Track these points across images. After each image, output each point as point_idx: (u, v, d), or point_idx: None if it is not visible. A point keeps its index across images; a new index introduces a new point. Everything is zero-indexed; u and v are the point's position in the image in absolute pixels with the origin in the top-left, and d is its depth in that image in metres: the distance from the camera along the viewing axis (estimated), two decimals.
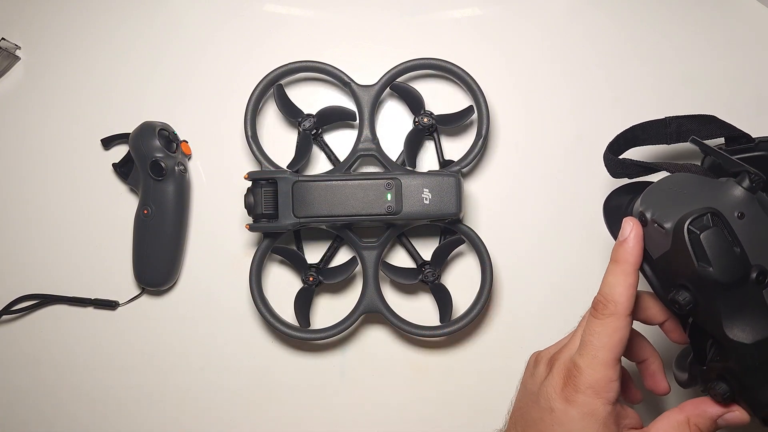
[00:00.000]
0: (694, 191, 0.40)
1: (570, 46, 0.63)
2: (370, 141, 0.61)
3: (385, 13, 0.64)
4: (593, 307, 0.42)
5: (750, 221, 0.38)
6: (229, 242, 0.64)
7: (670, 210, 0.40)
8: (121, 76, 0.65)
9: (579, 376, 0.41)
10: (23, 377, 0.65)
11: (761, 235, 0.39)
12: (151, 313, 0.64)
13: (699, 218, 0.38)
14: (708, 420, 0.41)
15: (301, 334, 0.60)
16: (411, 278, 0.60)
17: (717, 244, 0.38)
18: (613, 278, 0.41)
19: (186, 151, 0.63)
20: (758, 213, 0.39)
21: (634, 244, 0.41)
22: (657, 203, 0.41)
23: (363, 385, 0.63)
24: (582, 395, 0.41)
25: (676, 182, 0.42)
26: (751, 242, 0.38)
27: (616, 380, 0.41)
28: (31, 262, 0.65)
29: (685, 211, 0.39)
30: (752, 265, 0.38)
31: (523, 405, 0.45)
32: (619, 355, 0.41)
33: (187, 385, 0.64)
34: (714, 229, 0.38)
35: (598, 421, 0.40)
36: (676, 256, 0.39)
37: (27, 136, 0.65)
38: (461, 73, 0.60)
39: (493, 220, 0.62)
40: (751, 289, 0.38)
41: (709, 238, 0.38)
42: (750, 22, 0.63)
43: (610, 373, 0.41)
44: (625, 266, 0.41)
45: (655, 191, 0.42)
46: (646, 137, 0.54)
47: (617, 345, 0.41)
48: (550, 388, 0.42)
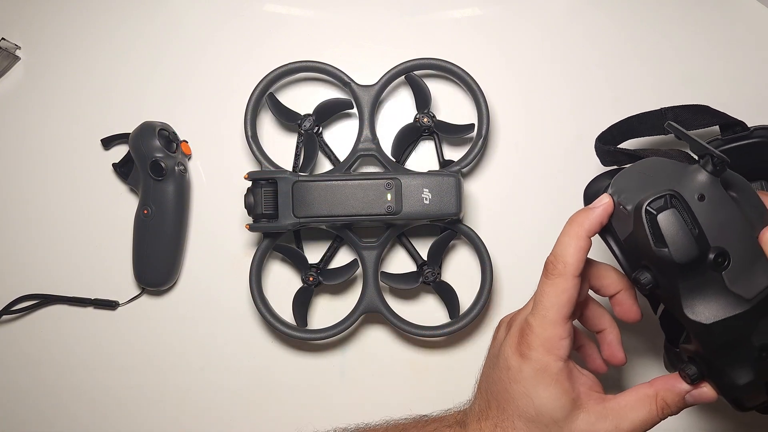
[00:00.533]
0: (661, 175, 0.41)
1: (570, 46, 0.63)
2: (370, 141, 0.61)
3: (385, 13, 0.64)
4: (544, 267, 0.43)
5: (711, 204, 0.39)
6: (229, 242, 0.64)
7: (634, 193, 0.41)
8: (121, 76, 0.65)
9: (531, 334, 0.42)
10: (23, 377, 0.65)
11: (723, 218, 0.39)
12: (151, 313, 0.64)
13: (657, 200, 0.39)
14: (676, 395, 0.42)
15: (301, 334, 0.60)
16: (412, 282, 0.60)
17: (673, 225, 0.38)
18: (566, 239, 0.42)
19: (186, 151, 0.63)
20: (721, 196, 0.39)
21: (598, 213, 0.42)
22: (625, 186, 0.42)
23: (363, 385, 0.63)
24: (534, 352, 0.42)
25: (646, 166, 0.42)
26: (712, 224, 0.39)
27: (566, 338, 0.42)
28: (31, 262, 0.65)
29: (647, 191, 0.40)
30: (711, 247, 0.39)
31: (487, 368, 0.47)
32: (567, 314, 0.42)
33: (187, 385, 0.64)
34: (671, 211, 0.38)
35: (551, 377, 0.42)
36: (637, 237, 0.40)
37: (27, 136, 0.65)
38: (461, 73, 0.60)
39: (493, 220, 0.62)
40: (709, 271, 0.39)
41: (665, 220, 0.39)
42: (750, 22, 0.63)
43: (560, 330, 0.42)
44: (578, 229, 0.42)
45: (624, 175, 0.42)
46: (643, 128, 0.55)
47: (565, 305, 0.42)
48: (507, 347, 0.44)
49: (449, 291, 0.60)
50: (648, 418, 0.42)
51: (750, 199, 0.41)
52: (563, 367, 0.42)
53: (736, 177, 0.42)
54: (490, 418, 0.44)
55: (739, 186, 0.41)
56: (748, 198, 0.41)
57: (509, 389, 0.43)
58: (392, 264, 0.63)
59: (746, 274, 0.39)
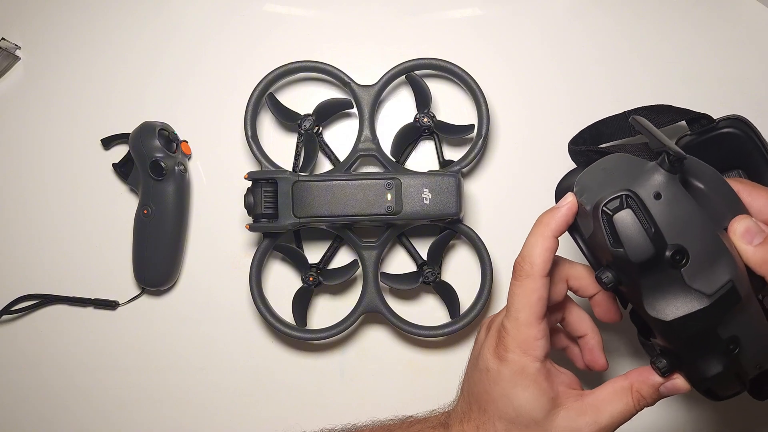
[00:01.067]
0: (620, 172, 0.40)
1: (570, 45, 0.63)
2: (370, 141, 0.61)
3: (386, 13, 0.64)
4: (513, 269, 0.43)
5: (667, 201, 0.39)
6: (229, 242, 0.64)
7: (594, 192, 0.41)
8: (121, 76, 0.65)
9: (507, 337, 0.43)
10: (23, 377, 0.65)
11: (680, 215, 0.39)
12: (151, 313, 0.64)
13: (613, 200, 0.39)
14: (650, 387, 0.43)
15: (301, 334, 0.60)
16: (412, 283, 0.60)
17: (628, 225, 0.39)
18: (533, 240, 0.42)
19: (186, 151, 0.63)
20: (678, 193, 0.39)
21: (563, 213, 0.42)
22: (587, 185, 0.42)
23: (363, 385, 0.63)
24: (511, 354, 0.43)
25: (608, 163, 0.42)
26: (669, 222, 0.39)
27: (540, 338, 0.42)
28: (31, 262, 0.65)
29: (604, 192, 0.40)
30: (668, 245, 0.38)
31: (469, 370, 0.47)
32: (539, 314, 0.42)
33: (187, 385, 0.64)
34: (626, 211, 0.39)
35: (529, 378, 0.42)
36: (597, 236, 0.40)
37: (27, 136, 0.65)
38: (461, 73, 0.60)
39: (493, 220, 0.62)
40: (668, 268, 0.39)
41: (620, 220, 0.39)
42: (750, 22, 0.63)
43: (534, 331, 0.42)
44: (545, 230, 0.42)
45: (587, 173, 0.42)
46: (612, 132, 0.55)
47: (535, 305, 0.42)
48: (486, 349, 0.44)
49: (449, 291, 0.60)
50: (625, 411, 0.43)
51: (719, 188, 0.41)
52: (540, 367, 0.42)
53: (704, 167, 0.42)
54: (471, 420, 0.45)
55: (708, 177, 0.41)
56: (717, 188, 0.41)
57: (489, 391, 0.44)
58: (392, 264, 0.63)
59: (706, 270, 0.39)
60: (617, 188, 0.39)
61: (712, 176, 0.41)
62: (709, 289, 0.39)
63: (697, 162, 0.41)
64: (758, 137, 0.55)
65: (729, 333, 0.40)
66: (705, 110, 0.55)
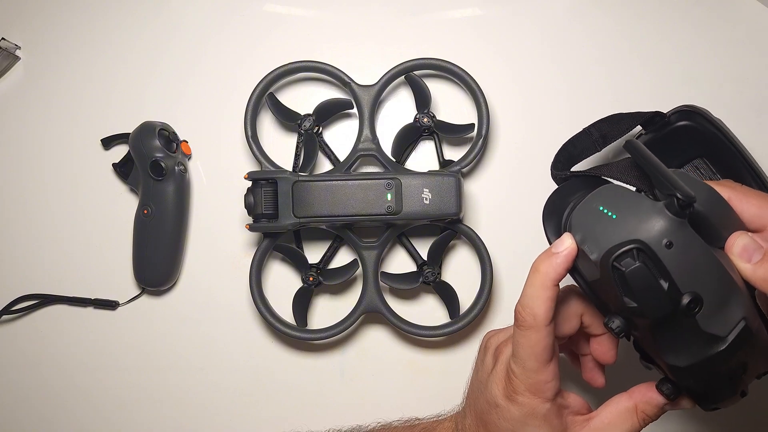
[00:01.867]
0: (624, 215, 0.38)
1: (570, 45, 0.63)
2: (370, 141, 0.61)
3: (386, 13, 0.64)
4: (515, 317, 0.42)
5: (680, 249, 0.36)
6: (229, 242, 0.64)
7: (597, 238, 0.38)
8: (121, 76, 0.65)
9: (515, 380, 0.42)
10: (23, 377, 0.65)
11: (693, 260, 0.37)
12: (151, 313, 0.64)
13: (623, 254, 0.36)
14: (655, 407, 0.43)
15: (301, 334, 0.60)
16: (412, 283, 0.60)
17: (643, 281, 0.36)
18: (532, 290, 0.41)
19: (186, 151, 0.63)
20: (689, 238, 0.37)
21: (561, 261, 0.40)
22: (585, 227, 0.39)
23: (363, 385, 0.63)
24: (521, 396, 0.42)
25: (604, 200, 0.39)
26: (682, 271, 0.36)
27: (551, 380, 0.42)
28: (31, 262, 0.65)
29: (611, 241, 0.37)
30: (683, 294, 0.36)
31: (475, 390, 0.47)
32: (546, 360, 0.41)
33: (187, 385, 0.64)
34: (639, 266, 0.36)
35: (539, 418, 0.42)
36: (604, 286, 0.39)
37: (27, 136, 0.65)
38: (461, 73, 0.60)
39: (493, 220, 0.62)
40: (682, 317, 0.37)
41: (634, 276, 0.36)
42: (750, 22, 0.63)
43: (543, 376, 0.42)
44: (545, 280, 0.41)
45: (584, 212, 0.40)
46: (580, 151, 0.54)
47: (542, 354, 0.41)
48: (494, 385, 0.44)
49: (449, 291, 0.60)
50: (631, 431, 0.43)
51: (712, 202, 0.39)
52: (551, 407, 0.42)
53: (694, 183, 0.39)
54: None
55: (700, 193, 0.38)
56: (710, 203, 0.39)
57: (498, 424, 0.43)
58: (392, 264, 0.63)
59: (720, 312, 0.37)
60: (624, 236, 0.37)
61: (704, 191, 0.39)
62: (723, 331, 0.37)
63: (689, 179, 0.39)
64: (713, 124, 0.56)
65: (739, 362, 0.39)
66: None
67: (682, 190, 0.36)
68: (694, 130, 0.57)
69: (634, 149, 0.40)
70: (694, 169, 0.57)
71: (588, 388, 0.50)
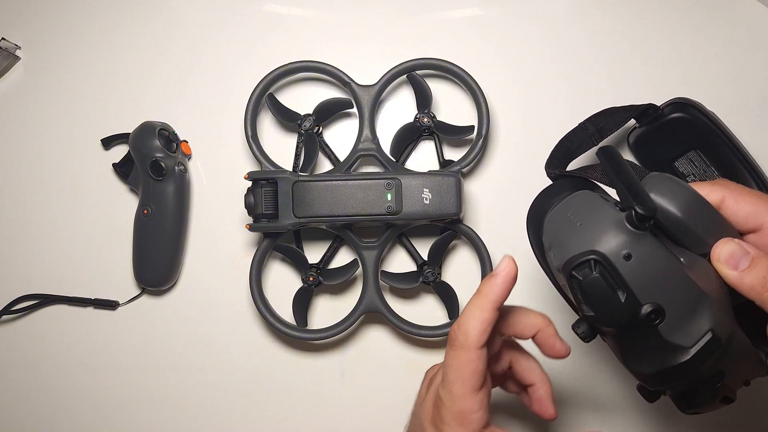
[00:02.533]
0: (588, 224, 0.38)
1: (570, 46, 0.63)
2: (370, 141, 0.61)
3: (385, 13, 0.64)
4: (449, 337, 0.42)
5: (639, 261, 0.36)
6: (229, 242, 0.64)
7: (561, 246, 0.39)
8: (121, 76, 0.65)
9: (442, 408, 0.41)
10: (23, 377, 0.65)
11: (654, 272, 0.36)
12: (151, 313, 0.64)
13: (582, 264, 0.37)
14: None
15: (301, 334, 0.60)
16: (412, 282, 0.60)
17: (598, 291, 0.37)
18: (470, 310, 0.41)
19: (186, 151, 0.63)
20: (649, 249, 0.36)
21: (500, 282, 0.40)
22: (554, 233, 0.40)
23: (363, 385, 0.63)
24: (447, 427, 0.41)
25: (574, 207, 0.40)
26: (642, 282, 0.36)
27: (477, 411, 0.41)
28: (31, 262, 0.65)
29: (571, 251, 0.37)
30: (642, 305, 0.36)
31: (412, 418, 0.46)
32: (474, 386, 0.41)
33: (187, 385, 0.64)
34: (595, 278, 0.36)
35: None
36: (569, 293, 0.39)
37: (27, 136, 0.65)
38: (461, 73, 0.60)
39: (493, 220, 0.62)
40: (644, 327, 0.37)
41: (590, 286, 0.37)
42: (750, 22, 0.63)
43: (469, 404, 0.41)
44: (483, 301, 0.41)
45: (555, 218, 0.41)
46: (577, 146, 0.54)
47: (470, 378, 0.40)
48: (423, 415, 0.43)
49: (449, 291, 0.60)
50: None
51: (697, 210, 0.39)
52: None
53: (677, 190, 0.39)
54: None
55: (683, 200, 0.38)
56: (694, 210, 0.39)
57: None
58: (392, 264, 0.63)
59: (685, 322, 0.37)
60: (584, 246, 0.37)
61: (688, 199, 0.39)
62: (688, 342, 0.37)
63: (671, 184, 0.39)
64: (707, 116, 0.57)
65: (713, 370, 0.39)
66: None
67: (642, 203, 0.36)
68: (688, 122, 0.57)
69: (602, 157, 0.40)
70: (688, 161, 0.58)
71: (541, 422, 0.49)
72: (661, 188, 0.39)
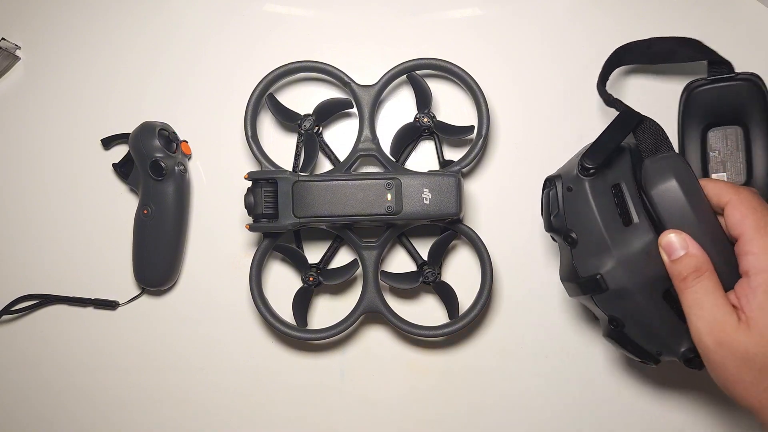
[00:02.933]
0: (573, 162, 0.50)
1: (570, 46, 0.63)
2: (370, 141, 0.61)
3: (385, 13, 0.64)
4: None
5: (573, 196, 0.49)
6: (229, 242, 0.64)
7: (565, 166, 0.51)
8: (121, 76, 0.65)
9: None
10: (23, 377, 0.65)
11: (580, 210, 0.48)
12: (151, 313, 0.64)
13: (548, 180, 0.51)
14: None
15: (301, 334, 0.60)
16: (412, 282, 0.60)
17: (546, 201, 0.51)
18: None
19: (186, 151, 0.63)
20: (582, 192, 0.48)
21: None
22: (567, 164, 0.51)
23: (363, 385, 0.63)
24: None
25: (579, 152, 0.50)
26: (571, 212, 0.49)
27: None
28: (31, 262, 0.65)
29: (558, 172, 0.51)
30: (567, 228, 0.49)
31: None
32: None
33: (187, 385, 0.64)
34: (548, 191, 0.51)
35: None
36: None
37: (27, 136, 0.65)
38: (461, 73, 0.60)
39: (493, 220, 0.62)
40: (565, 246, 0.50)
41: (544, 195, 0.51)
42: (750, 22, 0.63)
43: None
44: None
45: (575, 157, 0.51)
46: (630, 57, 0.59)
47: None
48: None
49: (449, 291, 0.60)
50: None
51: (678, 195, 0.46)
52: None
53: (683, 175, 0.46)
54: None
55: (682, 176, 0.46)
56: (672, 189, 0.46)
57: None
58: (392, 264, 0.63)
59: (588, 258, 0.48)
60: (562, 171, 0.50)
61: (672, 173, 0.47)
62: (582, 272, 0.48)
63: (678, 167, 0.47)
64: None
65: (611, 313, 0.49)
66: None
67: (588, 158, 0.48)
68: (750, 94, 0.57)
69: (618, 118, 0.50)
70: (723, 136, 0.58)
71: None
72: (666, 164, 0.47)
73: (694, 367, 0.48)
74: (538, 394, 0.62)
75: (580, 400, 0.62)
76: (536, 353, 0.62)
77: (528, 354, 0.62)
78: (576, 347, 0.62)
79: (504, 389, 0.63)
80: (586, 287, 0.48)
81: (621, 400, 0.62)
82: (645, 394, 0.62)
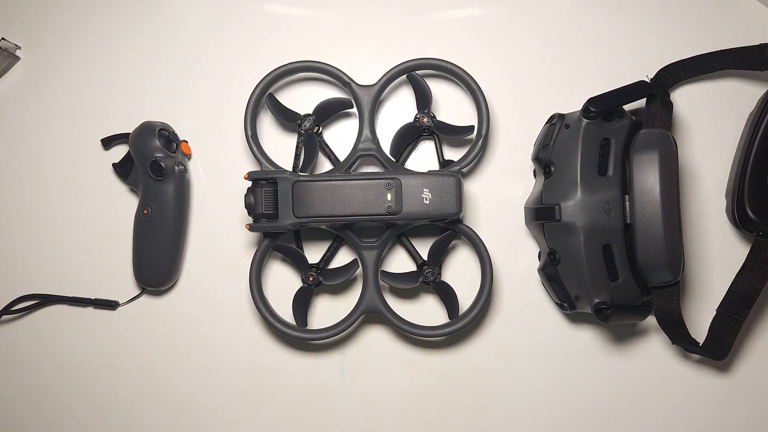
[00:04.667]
0: None
1: (569, 46, 0.63)
2: (370, 141, 0.61)
3: (385, 13, 0.64)
4: None
5: (568, 133, 0.55)
6: (229, 242, 0.64)
7: None
8: (121, 76, 0.65)
9: None
10: (23, 377, 0.65)
11: (566, 145, 0.55)
12: (151, 313, 0.64)
13: (553, 116, 0.57)
14: None
15: (301, 334, 0.60)
16: (412, 282, 0.60)
17: (543, 133, 0.58)
18: None
19: (186, 151, 0.63)
20: (576, 131, 0.54)
21: None
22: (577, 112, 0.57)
23: (363, 384, 0.63)
24: None
25: None
26: (559, 145, 0.55)
27: None
28: (31, 262, 0.65)
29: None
30: (549, 160, 0.56)
31: None
32: None
33: (187, 385, 0.64)
34: (547, 126, 0.58)
35: None
36: None
37: (27, 136, 0.65)
38: (461, 73, 0.60)
39: (493, 220, 0.62)
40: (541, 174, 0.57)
41: (545, 128, 0.58)
42: (750, 22, 0.63)
43: None
44: None
45: None
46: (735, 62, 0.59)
47: None
48: None
49: (449, 291, 0.60)
50: None
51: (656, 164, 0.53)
52: None
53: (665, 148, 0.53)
54: None
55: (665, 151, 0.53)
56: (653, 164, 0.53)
57: None
58: (392, 264, 0.63)
59: (556, 189, 0.54)
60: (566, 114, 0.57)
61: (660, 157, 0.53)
62: (546, 201, 0.55)
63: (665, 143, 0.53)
64: None
65: (553, 246, 0.55)
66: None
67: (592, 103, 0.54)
68: None
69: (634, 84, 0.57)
70: None
71: None
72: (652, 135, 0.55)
73: (601, 318, 0.53)
74: (538, 394, 0.62)
75: (579, 401, 0.62)
76: (536, 353, 0.62)
77: (528, 354, 0.62)
78: (576, 348, 0.62)
79: (504, 389, 0.63)
80: (543, 213, 0.55)
81: (621, 401, 0.62)
82: (645, 394, 0.62)
